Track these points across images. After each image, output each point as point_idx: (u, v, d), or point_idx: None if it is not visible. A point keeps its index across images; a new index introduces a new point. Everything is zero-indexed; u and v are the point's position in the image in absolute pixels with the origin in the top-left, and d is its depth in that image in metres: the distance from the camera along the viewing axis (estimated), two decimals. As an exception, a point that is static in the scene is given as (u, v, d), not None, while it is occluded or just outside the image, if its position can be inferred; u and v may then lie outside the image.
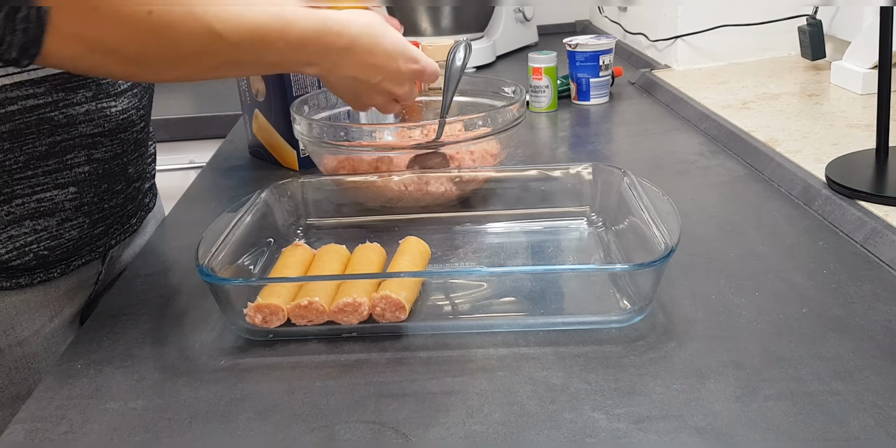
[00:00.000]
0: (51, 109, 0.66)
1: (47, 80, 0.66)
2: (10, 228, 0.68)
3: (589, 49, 1.31)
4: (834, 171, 0.84)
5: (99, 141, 0.71)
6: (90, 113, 0.69)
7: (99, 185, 0.73)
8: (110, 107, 0.71)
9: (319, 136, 0.84)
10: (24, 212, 0.68)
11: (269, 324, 0.62)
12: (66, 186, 0.70)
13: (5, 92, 0.63)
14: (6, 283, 0.70)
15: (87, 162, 0.71)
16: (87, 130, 0.70)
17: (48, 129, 0.67)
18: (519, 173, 0.85)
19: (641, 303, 0.61)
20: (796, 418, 0.50)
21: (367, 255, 0.71)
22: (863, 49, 1.19)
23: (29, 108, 0.65)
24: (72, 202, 0.71)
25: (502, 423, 0.51)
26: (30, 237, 0.69)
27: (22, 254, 0.69)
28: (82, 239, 0.74)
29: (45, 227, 0.70)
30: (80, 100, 0.68)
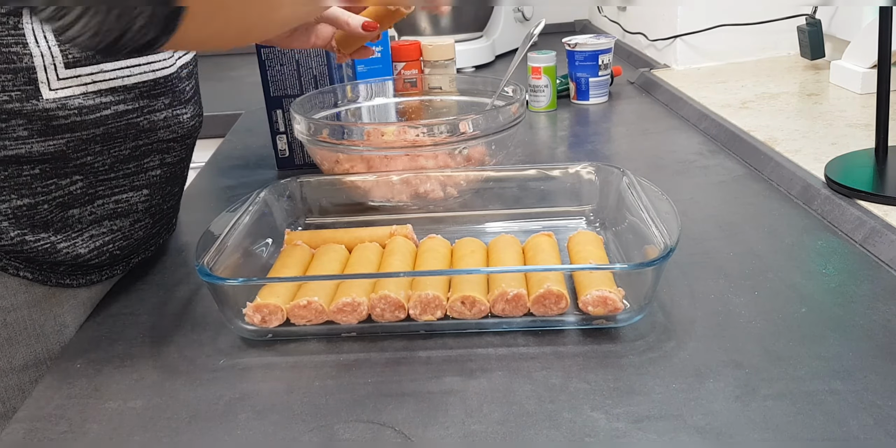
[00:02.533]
0: (137, 115, 0.69)
1: (137, 86, 0.69)
2: (92, 228, 0.71)
3: (588, 48, 1.31)
4: (833, 171, 0.84)
5: (171, 146, 0.75)
6: (167, 119, 0.72)
7: (165, 187, 0.76)
8: (183, 114, 0.75)
9: (318, 135, 0.84)
10: (104, 212, 0.71)
11: (268, 323, 0.62)
12: (140, 189, 0.73)
13: (101, 96, 0.66)
14: (82, 279, 0.73)
15: (160, 166, 0.74)
16: (165, 136, 0.73)
17: (133, 134, 0.70)
18: (518, 173, 0.85)
19: (641, 302, 0.61)
20: (795, 418, 0.50)
21: (365, 254, 0.71)
22: (862, 48, 1.19)
23: (120, 112, 0.68)
24: (143, 204, 0.74)
25: (501, 422, 0.51)
26: (107, 237, 0.72)
27: (100, 253, 0.72)
28: (144, 238, 0.77)
29: (120, 228, 0.73)
30: (159, 106, 0.71)
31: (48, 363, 0.71)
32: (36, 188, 0.65)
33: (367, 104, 1.03)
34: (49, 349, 0.71)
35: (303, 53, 1.00)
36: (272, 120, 1.06)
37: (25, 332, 0.69)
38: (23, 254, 0.67)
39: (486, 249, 0.72)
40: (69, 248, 0.69)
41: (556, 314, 0.62)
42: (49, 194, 0.66)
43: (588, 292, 0.61)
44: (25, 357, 0.70)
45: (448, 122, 0.83)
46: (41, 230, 0.67)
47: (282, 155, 1.08)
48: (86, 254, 0.71)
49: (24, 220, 0.66)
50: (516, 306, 0.62)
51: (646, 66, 1.53)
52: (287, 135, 1.06)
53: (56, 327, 0.71)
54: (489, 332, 0.62)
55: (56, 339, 0.71)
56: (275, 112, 1.05)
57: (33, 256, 0.68)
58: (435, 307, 0.62)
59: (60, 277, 0.71)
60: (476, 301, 0.62)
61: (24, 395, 0.70)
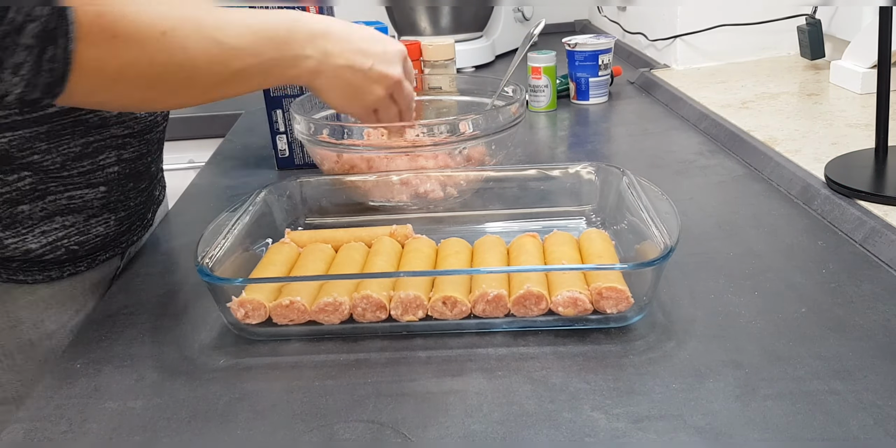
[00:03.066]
0: (85, 111, 0.69)
1: None
2: (43, 224, 0.70)
3: (588, 48, 1.31)
4: (833, 171, 0.84)
5: (128, 142, 0.74)
6: (121, 115, 0.72)
7: (126, 183, 0.76)
8: None
9: (318, 135, 0.84)
10: (55, 208, 0.70)
11: (250, 319, 0.63)
12: (96, 186, 0.72)
13: None
14: (38, 275, 0.72)
15: (116, 162, 0.73)
16: (118, 132, 0.72)
17: (82, 131, 0.69)
18: (518, 173, 0.85)
19: (640, 302, 0.61)
20: (795, 418, 0.50)
21: (350, 254, 0.71)
22: (862, 48, 1.19)
23: (66, 110, 0.67)
24: (100, 200, 0.74)
25: (501, 422, 0.51)
26: (60, 232, 0.72)
27: (55, 248, 0.72)
28: (108, 235, 0.76)
29: (73, 223, 0.72)
30: None
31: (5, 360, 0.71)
32: None
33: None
34: (2, 345, 0.71)
35: None
36: (272, 120, 1.06)
37: None
38: None
39: (471, 250, 0.72)
40: (17, 242, 0.69)
41: (537, 315, 0.62)
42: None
43: (559, 293, 0.61)
44: None
45: (448, 122, 0.83)
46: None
47: (282, 155, 1.08)
48: (37, 248, 0.70)
49: None
50: (497, 307, 0.62)
51: (646, 66, 1.53)
52: (287, 135, 1.06)
53: (10, 323, 0.71)
54: (489, 331, 0.62)
55: (10, 335, 0.71)
56: (275, 112, 1.05)
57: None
58: (416, 307, 0.62)
59: (13, 273, 0.70)
60: (457, 301, 0.62)
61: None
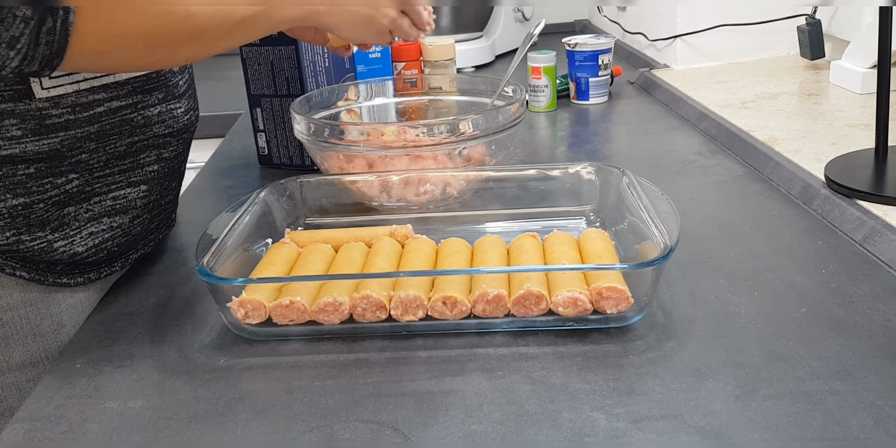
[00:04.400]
0: (131, 111, 0.70)
1: (129, 82, 0.69)
2: (90, 225, 0.71)
3: (588, 48, 1.31)
4: (833, 171, 0.84)
5: (168, 141, 0.75)
6: (162, 114, 0.73)
7: (163, 182, 0.76)
8: (177, 108, 0.75)
9: (319, 134, 0.84)
10: (102, 209, 0.71)
11: (250, 319, 0.63)
12: (137, 184, 0.73)
13: (94, 94, 0.66)
14: (80, 278, 0.72)
15: (156, 161, 0.74)
16: (160, 131, 0.73)
17: (128, 130, 0.70)
18: (518, 173, 0.85)
19: (640, 302, 0.61)
20: (795, 418, 0.50)
21: (350, 254, 0.71)
22: (862, 48, 1.19)
23: (114, 109, 0.68)
24: (142, 200, 0.74)
25: (501, 422, 0.51)
26: (107, 234, 0.72)
27: (98, 250, 0.72)
28: (141, 233, 0.77)
29: (120, 225, 0.73)
30: (153, 102, 0.72)
31: (45, 362, 0.71)
32: (31, 187, 0.65)
33: (367, 104, 1.03)
34: (46, 348, 0.71)
35: (276, 55, 1.01)
36: (253, 117, 1.07)
37: (22, 331, 0.69)
38: (18, 253, 0.67)
39: (471, 250, 0.72)
40: (66, 246, 0.69)
41: (537, 315, 0.62)
42: (44, 193, 0.66)
43: (559, 293, 0.61)
44: (22, 356, 0.70)
45: (448, 122, 0.83)
46: (37, 229, 0.67)
47: (262, 152, 1.09)
48: (83, 252, 0.71)
49: (20, 220, 0.66)
50: (497, 307, 0.62)
51: (646, 66, 1.53)
52: (266, 133, 1.07)
53: (53, 327, 0.71)
54: (489, 331, 0.62)
55: (53, 339, 0.71)
56: (255, 110, 1.06)
57: (29, 256, 0.68)
58: (416, 307, 0.62)
59: (57, 276, 0.71)
60: (457, 301, 0.62)
61: (20, 394, 0.70)
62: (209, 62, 2.03)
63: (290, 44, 0.99)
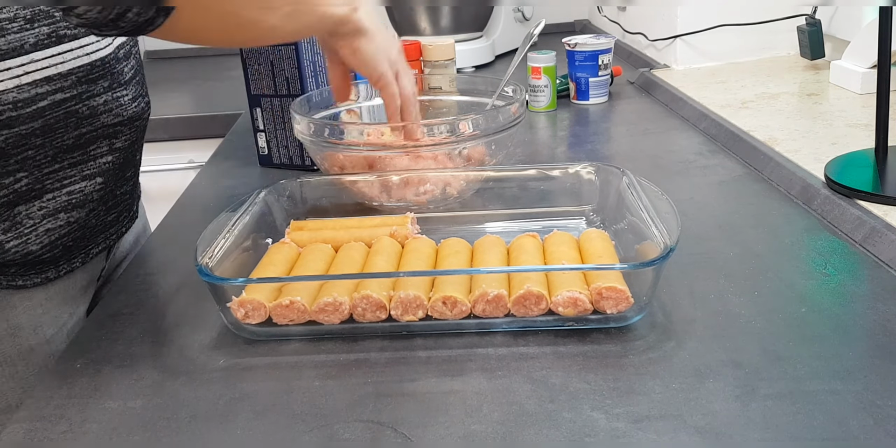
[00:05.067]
0: (76, 102, 0.68)
1: (73, 72, 0.67)
2: (46, 222, 0.69)
3: (588, 48, 1.31)
4: (833, 171, 0.84)
5: (119, 130, 0.73)
6: (108, 103, 0.71)
7: (118, 173, 0.75)
8: (124, 95, 0.73)
9: (319, 134, 0.84)
10: (58, 205, 0.69)
11: (250, 319, 0.63)
12: (93, 177, 0.71)
13: (36, 87, 0.64)
14: (36, 278, 0.71)
15: (109, 152, 0.72)
16: (109, 120, 0.71)
17: (74, 122, 0.68)
18: (518, 173, 0.85)
19: (640, 302, 0.61)
20: (795, 418, 0.50)
21: (350, 254, 0.71)
22: (862, 48, 1.19)
23: (58, 102, 0.66)
24: (98, 192, 0.73)
25: (501, 422, 0.51)
26: (64, 230, 0.71)
27: (54, 247, 0.71)
28: (98, 226, 0.75)
29: (77, 219, 0.72)
30: (98, 91, 0.70)
31: (4, 366, 0.69)
32: None
33: (367, 104, 1.03)
34: (3, 352, 0.69)
35: (276, 55, 1.01)
36: (253, 117, 1.07)
37: None
38: None
39: (471, 250, 0.72)
40: (19, 245, 0.67)
41: (537, 315, 0.62)
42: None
43: (559, 293, 0.61)
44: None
45: (448, 122, 0.83)
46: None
47: (262, 152, 1.09)
48: (37, 250, 0.69)
49: None
50: (497, 307, 0.62)
51: (646, 66, 1.53)
52: (266, 133, 1.07)
53: (10, 330, 0.69)
54: (489, 331, 0.62)
55: (10, 343, 0.69)
56: (255, 110, 1.06)
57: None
58: (416, 307, 0.62)
59: (11, 279, 0.69)
60: (457, 301, 0.62)
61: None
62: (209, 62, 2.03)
63: (289, 43, 0.99)
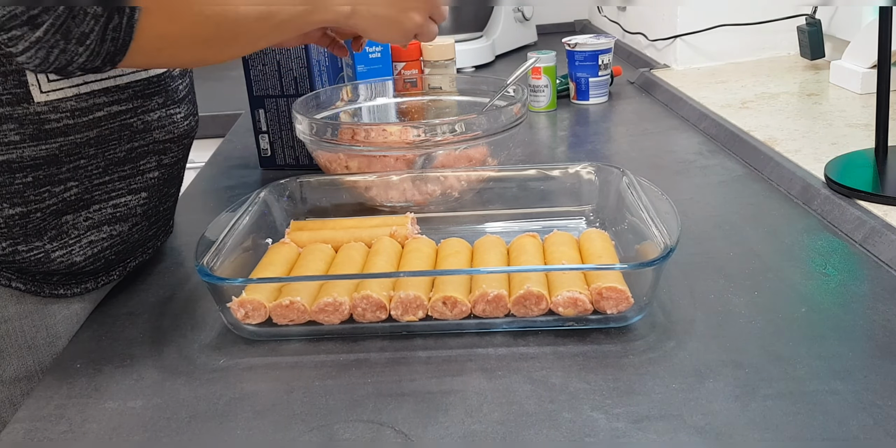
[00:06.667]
0: (130, 116, 0.69)
1: (130, 86, 0.68)
2: (90, 234, 0.69)
3: (588, 48, 1.31)
4: (833, 171, 0.84)
5: (168, 147, 0.74)
6: (162, 119, 0.72)
7: (163, 189, 0.76)
8: (177, 113, 0.74)
9: (320, 134, 0.85)
10: (102, 217, 0.70)
11: (250, 319, 0.63)
12: (138, 192, 0.72)
13: (94, 98, 0.65)
14: (77, 288, 0.71)
15: (157, 167, 0.73)
16: (160, 137, 0.72)
17: (128, 136, 0.69)
18: (518, 173, 0.85)
19: (640, 302, 0.61)
20: (795, 418, 0.50)
21: (350, 254, 0.71)
22: (862, 48, 1.19)
23: (113, 114, 0.67)
24: (142, 207, 0.73)
25: (501, 422, 0.51)
26: (106, 242, 0.71)
27: (97, 259, 0.71)
28: (138, 241, 0.76)
29: (119, 233, 0.72)
30: (153, 106, 0.71)
31: (40, 376, 0.70)
32: (28, 196, 0.64)
33: (367, 104, 1.03)
34: (40, 361, 0.70)
35: (284, 55, 1.01)
36: (255, 119, 1.07)
37: (16, 344, 0.68)
38: (15, 264, 0.66)
39: (471, 250, 0.72)
40: (64, 255, 0.68)
41: (537, 315, 0.62)
42: (42, 202, 0.65)
43: (559, 293, 0.61)
44: (17, 370, 0.69)
45: (449, 122, 0.83)
46: (34, 239, 0.66)
47: (264, 154, 1.09)
48: (81, 261, 0.69)
49: (17, 230, 0.65)
50: (497, 307, 0.62)
51: (646, 66, 1.53)
52: (269, 134, 1.07)
53: (48, 339, 0.70)
54: (489, 331, 0.62)
55: (48, 352, 0.70)
56: (257, 111, 1.06)
57: (26, 267, 0.67)
58: (416, 307, 0.62)
59: (54, 288, 0.69)
60: (457, 301, 0.62)
61: (14, 407, 0.69)
62: (209, 62, 2.03)
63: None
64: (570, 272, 0.64)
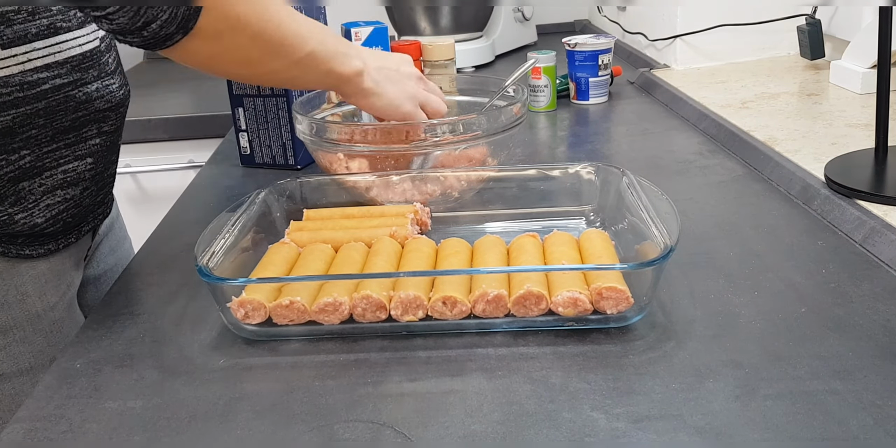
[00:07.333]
0: (72, 88, 0.76)
1: (68, 61, 0.75)
2: (46, 198, 0.77)
3: (588, 48, 1.31)
4: (833, 171, 0.84)
5: (107, 115, 0.80)
6: (99, 90, 0.78)
7: (105, 155, 0.82)
8: (112, 84, 0.81)
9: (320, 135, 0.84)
10: (55, 183, 0.77)
11: (250, 319, 0.63)
12: (83, 158, 0.79)
13: (38, 73, 0.72)
14: (41, 249, 0.78)
15: (97, 135, 0.80)
16: (101, 106, 0.79)
17: (73, 106, 0.76)
18: (518, 173, 0.85)
19: (640, 302, 0.61)
20: (795, 418, 0.50)
21: (350, 254, 0.71)
22: (862, 48, 1.19)
23: (57, 86, 0.74)
24: (89, 172, 0.80)
25: (501, 422, 0.51)
26: (61, 205, 0.78)
27: (55, 221, 0.78)
28: (90, 205, 0.83)
29: (73, 196, 0.79)
30: (90, 78, 0.78)
31: (14, 331, 0.76)
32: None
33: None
34: (14, 317, 0.76)
35: None
36: (235, 117, 1.08)
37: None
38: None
39: (471, 250, 0.72)
40: (26, 218, 0.75)
41: (537, 315, 0.62)
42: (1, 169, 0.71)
43: (559, 293, 0.61)
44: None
45: (449, 121, 0.83)
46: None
47: (244, 152, 1.10)
48: (42, 223, 0.76)
49: None
50: (497, 307, 0.62)
51: (646, 66, 1.53)
52: (248, 133, 1.07)
53: (18, 297, 0.76)
54: (489, 331, 0.62)
55: (19, 308, 0.76)
56: (237, 110, 1.07)
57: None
58: (416, 307, 0.62)
59: (20, 248, 0.76)
60: (457, 301, 0.62)
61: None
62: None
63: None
64: (570, 272, 0.64)
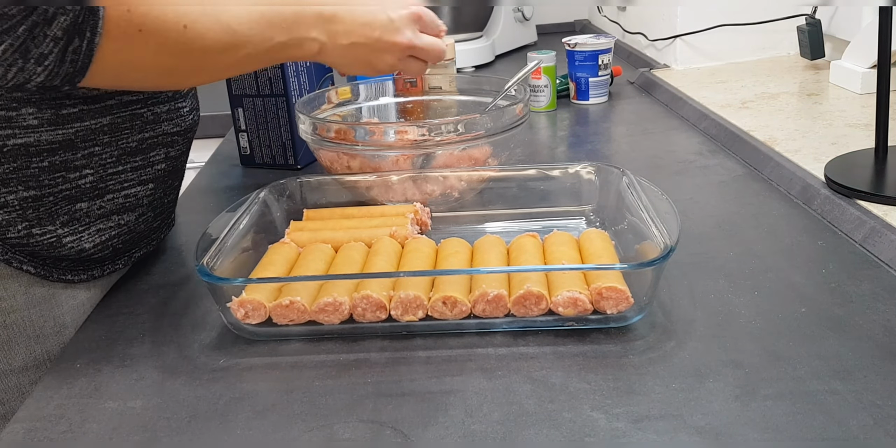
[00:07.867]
0: (140, 106, 0.71)
1: None
2: (100, 222, 0.71)
3: (588, 48, 1.31)
4: (833, 171, 0.84)
5: (175, 140, 0.76)
6: (170, 112, 0.75)
7: (167, 181, 0.78)
8: (182, 107, 0.77)
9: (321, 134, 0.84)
10: (114, 207, 0.72)
11: (250, 319, 0.63)
12: (147, 183, 0.74)
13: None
14: (83, 275, 0.73)
15: (164, 159, 0.75)
16: (168, 129, 0.75)
17: (139, 126, 0.72)
18: (518, 173, 0.85)
19: (640, 302, 0.61)
20: (795, 418, 0.50)
21: (350, 254, 0.71)
22: (862, 48, 1.19)
23: (124, 103, 0.70)
24: (149, 198, 0.75)
25: (501, 422, 0.51)
26: (114, 231, 0.73)
27: (104, 247, 0.73)
28: (144, 231, 0.78)
29: (127, 222, 0.74)
30: (161, 99, 0.74)
31: (47, 364, 0.71)
32: (43, 180, 0.66)
33: (367, 104, 1.03)
34: (48, 351, 0.71)
35: None
36: (235, 117, 1.08)
37: (24, 333, 0.69)
38: (28, 247, 0.67)
39: (471, 250, 0.72)
40: (74, 241, 0.70)
41: (537, 315, 0.62)
42: (55, 186, 0.67)
43: (559, 293, 0.61)
44: (25, 358, 0.70)
45: (452, 121, 0.83)
46: (47, 223, 0.67)
47: (244, 152, 1.10)
48: (90, 248, 0.71)
49: (30, 212, 0.66)
50: (497, 307, 0.62)
51: (646, 66, 1.53)
52: (248, 133, 1.07)
53: (55, 329, 0.71)
54: (489, 331, 0.62)
55: (55, 341, 0.71)
56: (236, 110, 1.07)
57: (38, 250, 0.68)
58: (416, 307, 0.62)
59: (63, 273, 0.71)
60: (457, 301, 0.62)
61: (22, 396, 0.70)
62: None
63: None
64: (570, 272, 0.64)
